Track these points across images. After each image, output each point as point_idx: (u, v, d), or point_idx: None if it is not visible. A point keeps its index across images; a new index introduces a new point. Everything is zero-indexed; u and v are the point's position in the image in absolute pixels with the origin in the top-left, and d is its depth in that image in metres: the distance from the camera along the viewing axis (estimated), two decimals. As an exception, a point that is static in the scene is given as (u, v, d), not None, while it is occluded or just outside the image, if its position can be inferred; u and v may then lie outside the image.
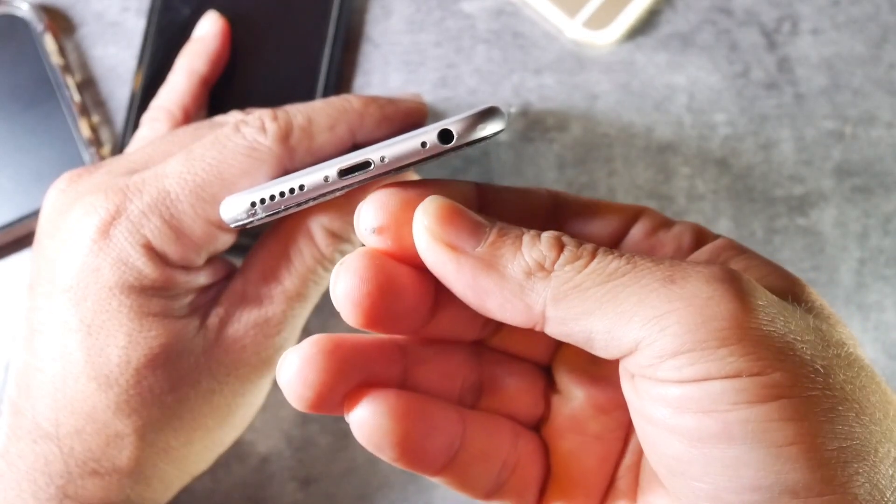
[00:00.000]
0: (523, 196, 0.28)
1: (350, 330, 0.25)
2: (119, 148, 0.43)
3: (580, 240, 0.24)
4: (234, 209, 0.29)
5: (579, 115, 0.43)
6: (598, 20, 0.42)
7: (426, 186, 0.26)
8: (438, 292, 0.26)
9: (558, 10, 0.43)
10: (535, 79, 0.43)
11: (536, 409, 0.29)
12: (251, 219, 0.29)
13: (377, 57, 0.44)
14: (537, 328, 0.24)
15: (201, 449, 0.34)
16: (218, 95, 0.42)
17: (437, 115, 0.43)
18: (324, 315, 0.42)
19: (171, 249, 0.31)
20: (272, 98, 0.42)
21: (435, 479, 0.27)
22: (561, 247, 0.24)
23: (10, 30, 0.43)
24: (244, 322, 0.33)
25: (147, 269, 0.31)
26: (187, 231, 0.31)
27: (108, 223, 0.31)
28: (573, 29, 0.43)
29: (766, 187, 0.42)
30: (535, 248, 0.24)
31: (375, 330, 0.26)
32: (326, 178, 0.28)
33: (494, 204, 0.27)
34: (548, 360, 0.30)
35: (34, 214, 0.41)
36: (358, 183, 0.28)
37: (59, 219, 0.32)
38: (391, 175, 0.28)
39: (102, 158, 0.42)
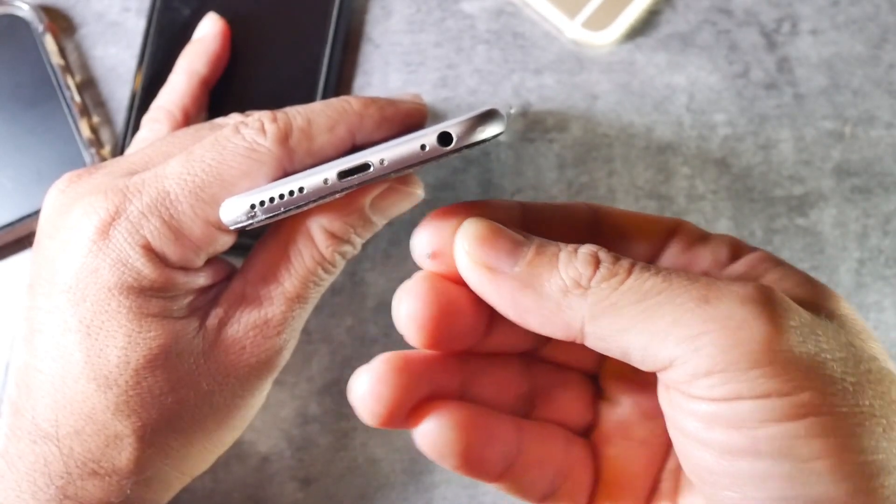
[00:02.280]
0: (565, 211, 0.29)
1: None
2: (120, 148, 0.43)
3: (617, 255, 0.25)
4: (234, 211, 0.30)
5: (579, 116, 0.43)
6: (598, 20, 0.43)
7: (473, 208, 0.27)
8: (493, 309, 0.27)
9: (558, 10, 0.43)
10: (535, 79, 0.43)
11: (586, 417, 0.30)
12: (251, 221, 0.29)
13: (377, 57, 0.44)
14: (577, 342, 0.25)
15: (201, 449, 0.34)
16: (218, 96, 0.42)
17: (436, 116, 0.43)
18: (323, 315, 0.42)
19: (170, 250, 0.31)
20: (272, 99, 0.42)
21: (493, 486, 0.28)
22: (597, 263, 0.25)
23: (10, 30, 0.43)
24: (244, 323, 0.33)
25: (146, 269, 0.31)
26: (187, 232, 0.31)
27: (107, 223, 0.31)
28: (573, 29, 0.43)
29: (766, 187, 0.42)
30: (571, 265, 0.25)
31: (437, 349, 0.27)
32: (326, 181, 0.28)
33: (538, 222, 0.28)
34: (595, 368, 0.31)
35: (34, 214, 0.42)
36: (357, 185, 0.28)
37: (59, 219, 0.32)
38: (391, 177, 0.28)
39: (103, 159, 0.43)
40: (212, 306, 0.33)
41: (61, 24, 0.44)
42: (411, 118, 0.35)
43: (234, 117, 0.36)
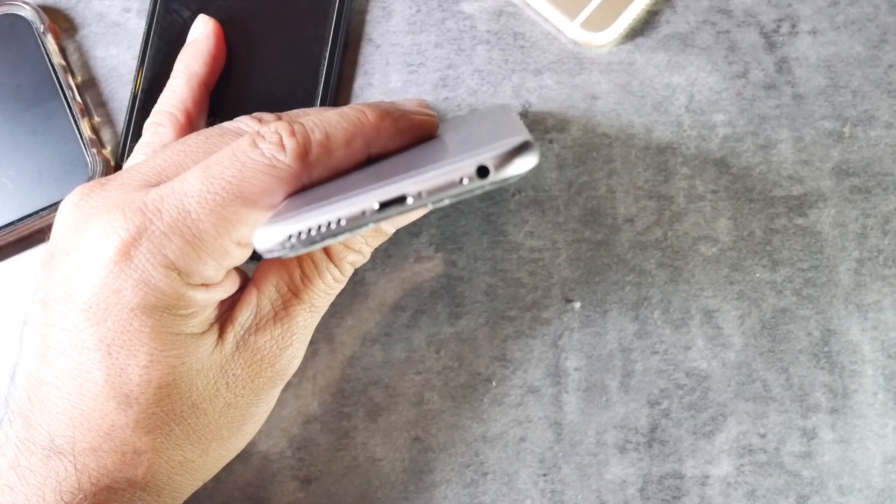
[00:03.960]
0: None
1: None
2: (121, 148, 0.43)
3: None
4: (270, 240, 0.29)
5: (579, 116, 0.43)
6: (598, 21, 0.43)
7: None
8: None
9: (558, 10, 0.43)
10: (535, 79, 0.43)
11: None
12: (286, 250, 0.29)
13: (378, 58, 0.44)
14: None
15: (216, 457, 0.34)
16: (219, 97, 0.42)
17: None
18: (325, 315, 0.42)
19: (193, 269, 0.31)
20: (273, 99, 0.42)
21: None
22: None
23: (12, 30, 0.43)
24: (259, 335, 0.33)
25: (170, 289, 0.31)
26: (209, 250, 0.31)
27: (129, 244, 0.30)
28: (573, 29, 0.43)
29: (765, 187, 0.42)
30: None
31: None
32: (364, 213, 0.28)
33: None
34: None
35: (35, 215, 0.42)
36: (394, 215, 0.28)
37: (75, 235, 0.32)
38: (426, 207, 0.28)
39: (105, 159, 0.42)
40: (227, 319, 0.33)
41: (62, 24, 0.44)
42: (423, 129, 0.35)
43: (244, 121, 0.35)
